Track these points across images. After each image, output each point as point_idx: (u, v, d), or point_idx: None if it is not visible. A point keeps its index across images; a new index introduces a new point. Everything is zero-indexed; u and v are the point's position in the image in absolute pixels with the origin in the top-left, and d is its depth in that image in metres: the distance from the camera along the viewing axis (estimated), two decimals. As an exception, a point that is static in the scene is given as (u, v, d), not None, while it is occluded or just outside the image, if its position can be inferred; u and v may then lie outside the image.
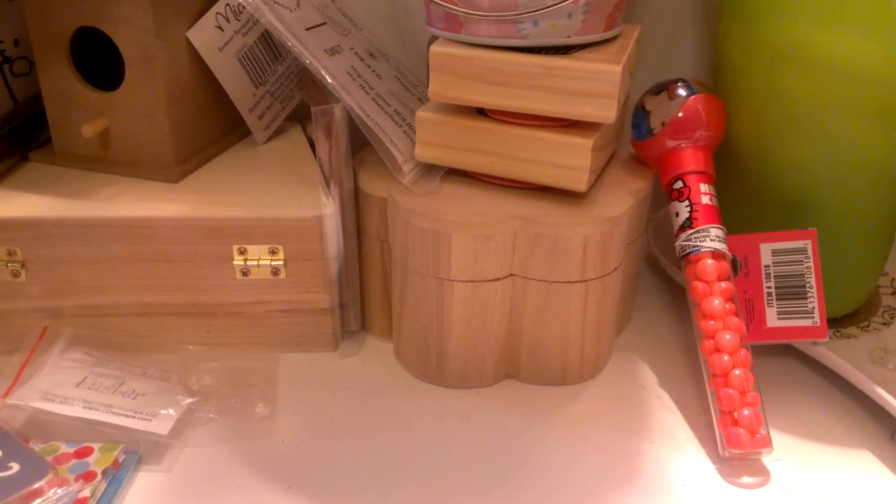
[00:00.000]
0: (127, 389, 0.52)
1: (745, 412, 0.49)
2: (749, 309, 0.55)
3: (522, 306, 0.54)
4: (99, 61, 0.60)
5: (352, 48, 0.61)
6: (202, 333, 0.58)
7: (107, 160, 0.61)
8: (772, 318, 0.54)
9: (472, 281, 0.52)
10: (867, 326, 0.59)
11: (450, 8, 0.51)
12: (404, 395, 0.56)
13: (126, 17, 0.55)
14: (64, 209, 0.55)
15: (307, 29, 0.58)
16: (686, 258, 0.54)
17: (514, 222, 0.52)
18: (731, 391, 0.50)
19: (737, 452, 0.49)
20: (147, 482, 0.48)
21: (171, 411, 0.50)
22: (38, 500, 0.44)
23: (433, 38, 0.54)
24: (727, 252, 0.53)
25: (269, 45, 0.66)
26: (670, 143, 0.56)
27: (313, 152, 0.64)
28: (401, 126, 0.58)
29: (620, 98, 0.50)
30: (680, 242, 0.54)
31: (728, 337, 0.51)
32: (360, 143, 0.58)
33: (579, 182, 0.52)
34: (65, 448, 0.48)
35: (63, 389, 0.51)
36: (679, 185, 0.55)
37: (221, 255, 0.55)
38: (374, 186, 0.56)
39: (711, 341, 0.52)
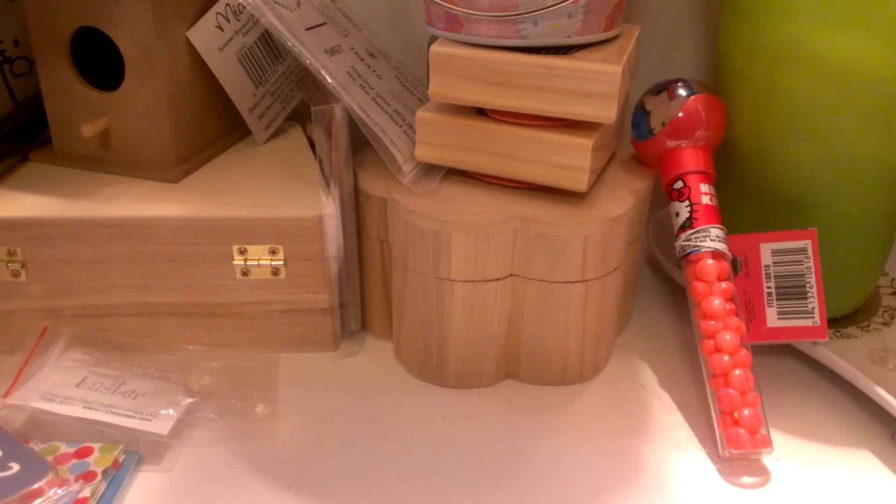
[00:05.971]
0: (127, 389, 0.52)
1: (745, 412, 0.49)
2: (749, 309, 0.55)
3: (522, 306, 0.54)
4: (99, 61, 0.60)
5: (352, 48, 0.61)
6: (202, 333, 0.58)
7: (107, 160, 0.61)
8: (772, 318, 0.54)
9: (472, 281, 0.52)
10: (867, 326, 0.59)
11: (450, 8, 0.51)
12: (404, 395, 0.56)
13: (126, 17, 0.55)
14: (64, 209, 0.55)
15: (307, 29, 0.58)
16: (686, 258, 0.54)
17: (514, 222, 0.52)
18: (731, 391, 0.50)
19: (737, 452, 0.49)
20: (147, 482, 0.48)
21: (171, 411, 0.50)
22: (38, 500, 0.44)
23: (433, 38, 0.54)
24: (727, 252, 0.53)
25: (269, 45, 0.66)
26: (670, 143, 0.56)
27: (313, 152, 0.64)
28: (401, 126, 0.58)
29: (620, 98, 0.50)
30: (680, 242, 0.54)
31: (728, 337, 0.51)
32: (360, 143, 0.58)
33: (579, 182, 0.52)
34: (65, 448, 0.48)
35: (63, 389, 0.51)
36: (679, 185, 0.55)
37: (221, 255, 0.55)
38: (374, 186, 0.56)
39: (711, 341, 0.52)
